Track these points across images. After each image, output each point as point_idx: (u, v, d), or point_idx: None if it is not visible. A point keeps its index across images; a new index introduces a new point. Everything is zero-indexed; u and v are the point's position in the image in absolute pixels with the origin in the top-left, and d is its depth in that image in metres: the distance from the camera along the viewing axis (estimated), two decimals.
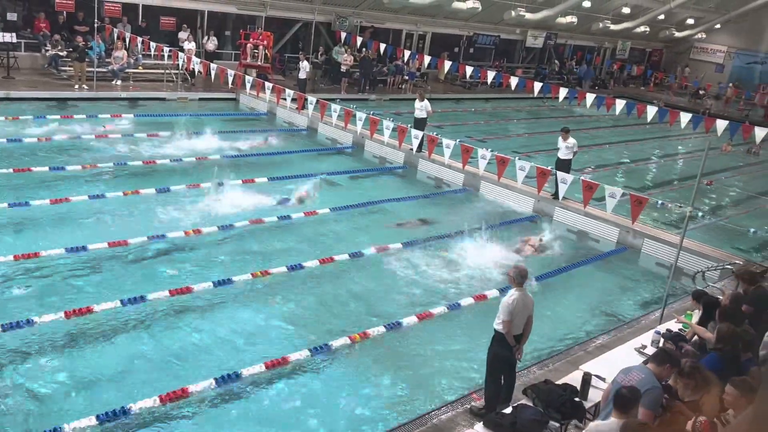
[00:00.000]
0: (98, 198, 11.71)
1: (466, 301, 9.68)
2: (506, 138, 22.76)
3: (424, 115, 17.54)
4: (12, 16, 20.93)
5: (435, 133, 16.79)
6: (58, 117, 16.90)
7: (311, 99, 19.34)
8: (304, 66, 23.03)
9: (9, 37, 19.39)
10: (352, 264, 10.45)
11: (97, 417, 6.22)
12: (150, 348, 7.61)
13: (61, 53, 20.55)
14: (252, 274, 9.46)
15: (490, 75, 24.11)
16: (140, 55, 22.16)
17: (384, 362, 8.02)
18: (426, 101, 17.62)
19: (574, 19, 33.25)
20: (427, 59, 26.48)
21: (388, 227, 12.46)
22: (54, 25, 21.64)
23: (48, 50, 20.80)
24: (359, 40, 27.10)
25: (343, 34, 27.38)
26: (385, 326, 8.68)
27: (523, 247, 12.01)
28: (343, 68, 25.69)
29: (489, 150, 15.50)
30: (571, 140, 14.50)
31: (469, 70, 24.70)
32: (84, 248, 9.56)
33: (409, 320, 8.92)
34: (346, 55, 25.85)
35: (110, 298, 8.26)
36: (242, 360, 7.53)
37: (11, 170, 12.63)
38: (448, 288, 10.09)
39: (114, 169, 13.48)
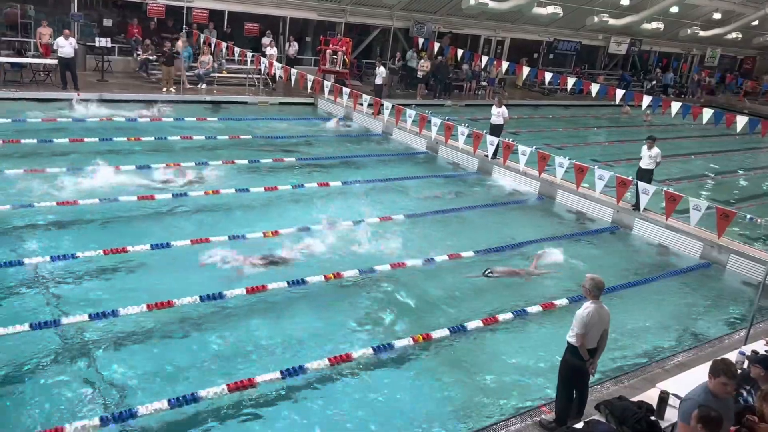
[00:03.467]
0: (181, 196, 12.18)
1: (534, 308, 9.50)
2: (585, 146, 22.21)
3: (501, 122, 17.36)
4: (108, 22, 22.07)
5: (511, 140, 16.58)
6: (148, 119, 17.68)
7: (387, 104, 19.50)
8: (381, 72, 23.22)
9: (104, 42, 20.46)
10: (422, 271, 10.41)
11: (169, 401, 6.46)
12: (222, 340, 7.83)
13: (150, 57, 21.51)
14: (325, 277, 9.58)
15: (570, 81, 23.61)
16: (224, 60, 22.92)
17: (448, 365, 7.96)
18: (503, 107, 17.44)
19: (661, 25, 32.10)
20: (505, 65, 26.20)
21: (460, 233, 12.38)
22: (145, 31, 22.70)
23: (139, 54, 21.83)
24: (437, 45, 27.10)
25: (421, 40, 27.44)
26: (449, 329, 8.62)
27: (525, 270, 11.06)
28: (420, 74, 25.76)
29: (567, 158, 15.16)
30: (656, 150, 14.01)
31: (548, 76, 24.28)
32: (167, 245, 9.95)
33: (474, 324, 8.83)
34: (423, 60, 25.90)
35: (190, 294, 8.54)
36: (308, 355, 7.66)
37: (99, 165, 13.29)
38: (514, 295, 9.93)
39: (199, 169, 13.99)
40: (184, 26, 21.64)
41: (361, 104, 20.36)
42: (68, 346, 7.35)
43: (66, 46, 18.33)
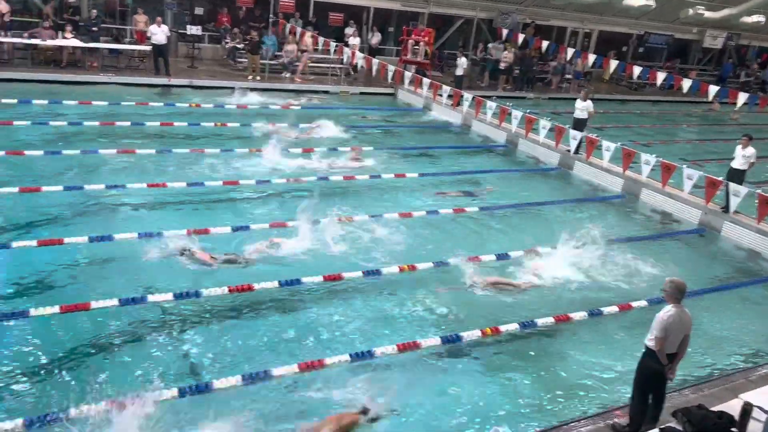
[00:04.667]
0: (263, 183, 12.51)
1: (610, 309, 9.24)
2: (674, 143, 21.33)
3: (585, 116, 16.89)
4: (199, 11, 22.84)
5: (595, 135, 16.13)
6: (234, 106, 18.22)
7: (467, 95, 19.34)
8: (462, 62, 23.03)
9: (195, 30, 21.20)
10: (497, 264, 10.29)
11: (243, 377, 6.69)
12: (299, 323, 8.01)
13: (238, 46, 22.13)
14: (399, 268, 9.62)
15: (660, 76, 22.72)
16: (308, 50, 23.28)
17: (518, 361, 7.86)
18: (589, 101, 16.97)
19: (762, 18, 30.33)
20: (591, 58, 25.45)
21: (533, 228, 12.19)
22: (234, 20, 23.36)
23: (227, 42, 22.49)
24: (521, 37, 26.61)
25: (505, 31, 27.02)
26: (519, 324, 8.51)
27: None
28: (502, 65, 25.38)
29: (653, 155, 14.60)
30: (751, 149, 13.30)
31: (637, 70, 23.44)
32: (247, 227, 10.26)
33: (545, 321, 8.67)
34: (506, 52, 25.51)
35: (270, 279, 8.77)
36: (377, 340, 7.74)
37: (188, 150, 13.85)
38: (591, 293, 9.68)
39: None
40: (270, 15, 22.12)
41: (441, 95, 20.28)
42: (153, 322, 7.69)
43: (158, 33, 19.12)
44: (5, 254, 8.60)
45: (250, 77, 20.99)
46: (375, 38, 25.48)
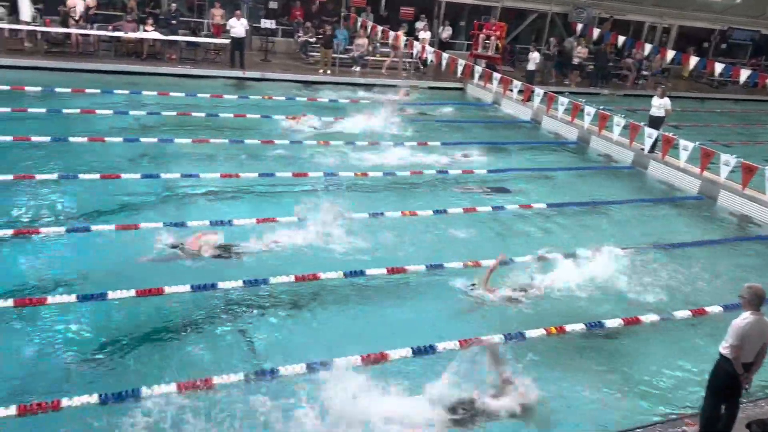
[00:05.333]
0: (331, 176, 12.67)
1: (682, 313, 8.92)
2: (757, 144, 20.33)
3: (662, 114, 16.32)
4: (273, 5, 23.27)
5: (672, 134, 15.57)
6: (305, 99, 18.50)
7: (538, 91, 19.01)
8: (534, 57, 22.64)
9: (269, 24, 21.62)
10: (564, 263, 10.06)
11: (308, 366, 6.80)
12: (363, 316, 8.08)
13: (310, 39, 22.43)
14: (463, 264, 9.56)
15: (744, 74, 21.70)
16: (378, 44, 23.39)
17: (582, 362, 7.69)
18: (666, 99, 16.38)
19: None
20: (670, 54, 24.56)
21: (603, 228, 11.89)
22: (307, 14, 23.70)
23: (300, 36, 22.83)
24: (596, 32, 25.93)
25: (579, 26, 26.37)
26: (585, 324, 8.32)
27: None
28: (576, 60, 24.81)
29: (734, 156, 13.98)
30: None
31: (719, 67, 22.47)
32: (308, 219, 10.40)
33: (613, 322, 8.45)
34: (580, 47, 24.92)
35: (334, 269, 8.89)
36: (440, 335, 7.71)
37: (259, 141, 14.14)
38: (662, 296, 9.36)
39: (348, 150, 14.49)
40: (342, 9, 22.33)
41: (511, 90, 20.00)
42: (223, 309, 7.90)
43: (238, 26, 19.60)
44: (85, 237, 9.00)
45: (321, 71, 21.25)
46: (446, 32, 25.34)
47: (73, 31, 18.75)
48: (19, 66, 17.22)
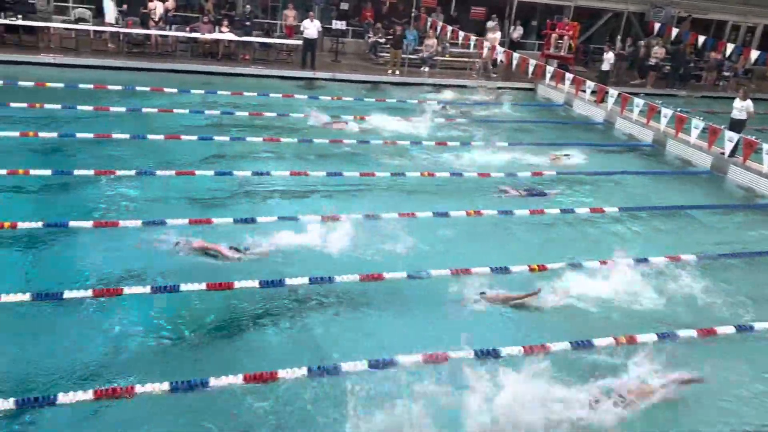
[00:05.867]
0: (398, 175, 12.70)
1: (763, 325, 8.50)
2: None
3: (744, 117, 15.62)
4: (344, 6, 23.53)
5: (755, 137, 14.87)
6: (373, 99, 18.62)
7: (612, 91, 18.53)
8: (609, 57, 22.04)
9: (340, 25, 21.87)
10: (632, 269, 9.72)
11: (369, 362, 6.85)
12: (424, 316, 8.07)
13: (380, 40, 22.56)
14: (529, 267, 9.41)
15: None
16: (448, 44, 23.31)
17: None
18: (749, 101, 15.68)
19: None
20: (754, 54, 23.45)
21: (677, 232, 11.48)
22: (378, 14, 23.84)
23: (370, 37, 23.00)
24: (674, 31, 25.03)
25: (657, 25, 25.52)
26: (657, 335, 8.03)
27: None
28: (652, 61, 24.03)
29: None
30: None
31: None
32: (378, 216, 10.46)
33: (687, 333, 8.13)
34: (657, 47, 24.12)
35: (399, 269, 8.91)
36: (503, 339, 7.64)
37: (327, 141, 14.32)
38: (739, 307, 8.95)
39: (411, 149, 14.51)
40: (413, 10, 22.35)
41: (584, 91, 19.57)
42: (289, 304, 8.04)
43: (311, 27, 19.93)
44: (160, 230, 9.31)
45: (390, 71, 21.35)
46: (516, 32, 25.01)
47: (152, 32, 19.50)
48: (103, 66, 18.03)
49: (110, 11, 19.18)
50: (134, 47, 19.62)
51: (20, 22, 18.06)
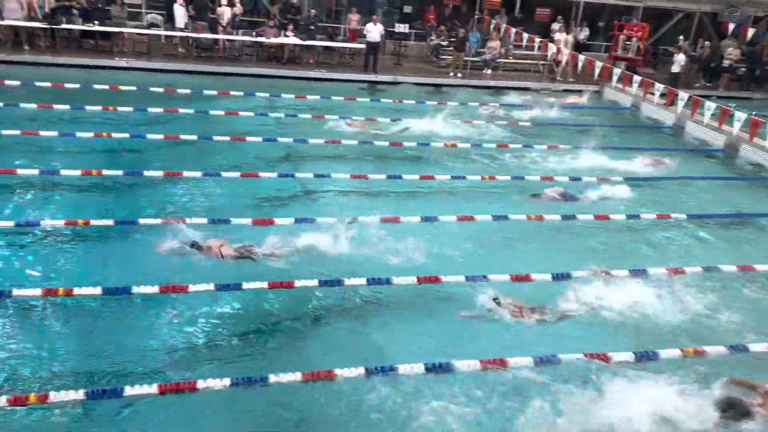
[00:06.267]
0: (458, 178, 12.66)
1: None
2: None
3: None
4: (407, 9, 23.60)
5: None
6: (435, 102, 18.60)
7: (682, 94, 17.93)
8: (679, 59, 21.35)
9: (403, 28, 21.95)
10: (700, 278, 9.39)
11: (426, 366, 6.84)
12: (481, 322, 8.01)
13: (442, 43, 22.51)
14: (593, 272, 9.16)
15: None
16: (511, 46, 23.06)
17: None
18: None
19: None
20: None
21: (750, 241, 11.00)
22: (440, 17, 23.80)
23: (432, 40, 22.98)
24: (750, 31, 24.03)
25: (731, 25, 24.56)
26: (727, 348, 7.70)
27: None
28: (726, 62, 23.12)
29: None
30: None
31: None
32: (435, 218, 10.45)
33: (760, 347, 7.77)
34: (730, 48, 23.20)
35: (456, 273, 8.87)
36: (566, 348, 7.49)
37: (387, 143, 14.38)
38: None
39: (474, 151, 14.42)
40: (476, 12, 22.21)
41: (652, 93, 19.01)
42: (348, 304, 8.12)
43: (374, 31, 20.08)
44: (227, 228, 9.53)
45: (451, 74, 21.28)
46: (582, 33, 24.51)
47: (220, 36, 20.03)
48: (173, 69, 18.64)
49: (180, 16, 19.81)
50: (203, 51, 20.20)
51: (96, 28, 18.89)
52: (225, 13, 20.16)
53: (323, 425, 6.15)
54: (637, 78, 19.63)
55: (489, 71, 22.14)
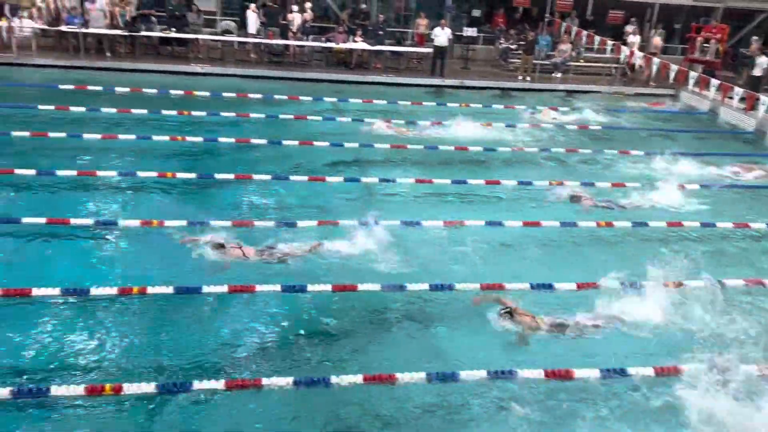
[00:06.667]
0: (525, 185, 12.50)
1: None
2: None
3: None
4: (476, 13, 23.48)
5: None
6: (502, 106, 18.41)
7: (764, 99, 17.15)
8: (761, 62, 20.39)
9: (471, 32, 21.85)
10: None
11: (488, 372, 6.81)
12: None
13: (511, 46, 22.28)
14: (669, 284, 8.85)
15: None
16: (582, 49, 22.61)
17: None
18: None
19: None
20: None
21: None
22: (509, 21, 23.57)
23: (501, 43, 22.77)
24: None
25: None
26: None
27: None
28: None
29: None
30: None
31: None
32: (500, 223, 10.36)
33: None
34: None
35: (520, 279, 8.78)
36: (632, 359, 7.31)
37: (453, 148, 14.33)
38: None
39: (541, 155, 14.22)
40: (546, 15, 21.88)
41: (731, 98, 18.24)
42: (408, 309, 8.14)
43: (441, 35, 20.09)
44: (293, 231, 9.74)
45: (520, 77, 21.03)
46: (657, 36, 23.76)
47: (291, 42, 20.46)
48: (245, 75, 19.15)
49: (253, 23, 20.34)
50: (274, 57, 20.67)
51: (174, 35, 19.61)
52: (296, 19, 20.57)
53: (383, 428, 6.20)
54: (714, 81, 18.90)
55: (559, 75, 21.76)
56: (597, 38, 21.62)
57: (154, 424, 6.02)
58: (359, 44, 20.49)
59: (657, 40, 22.22)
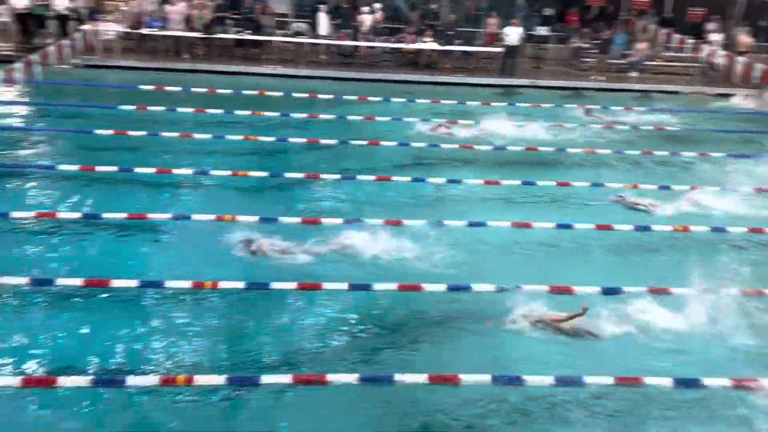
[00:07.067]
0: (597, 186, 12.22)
1: None
2: None
3: None
4: (548, 11, 23.05)
5: None
6: (574, 106, 17.99)
7: None
8: None
9: (544, 31, 21.48)
10: None
11: (556, 378, 6.73)
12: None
13: (584, 45, 21.76)
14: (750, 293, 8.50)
15: None
16: (660, 47, 21.87)
17: None
18: None
19: None
20: None
21: None
22: (584, 19, 23.02)
23: (574, 42, 22.28)
24: None
25: None
26: None
27: None
28: None
29: None
30: None
31: None
32: (569, 226, 10.16)
33: None
34: None
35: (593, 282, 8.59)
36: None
37: (523, 148, 14.12)
38: None
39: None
40: (621, 13, 21.28)
41: None
42: (474, 311, 8.09)
43: (512, 34, 19.86)
44: (358, 228, 9.73)
45: (593, 77, 20.53)
46: (742, 34, 22.70)
47: (361, 43, 20.64)
48: (316, 76, 19.44)
49: (324, 25, 20.63)
50: (345, 58, 20.90)
51: (248, 37, 20.14)
52: (366, 20, 20.73)
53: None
54: None
55: (635, 74, 21.10)
56: (676, 37, 20.86)
57: (227, 417, 6.26)
58: (429, 44, 20.46)
59: (746, 39, 21.20)
